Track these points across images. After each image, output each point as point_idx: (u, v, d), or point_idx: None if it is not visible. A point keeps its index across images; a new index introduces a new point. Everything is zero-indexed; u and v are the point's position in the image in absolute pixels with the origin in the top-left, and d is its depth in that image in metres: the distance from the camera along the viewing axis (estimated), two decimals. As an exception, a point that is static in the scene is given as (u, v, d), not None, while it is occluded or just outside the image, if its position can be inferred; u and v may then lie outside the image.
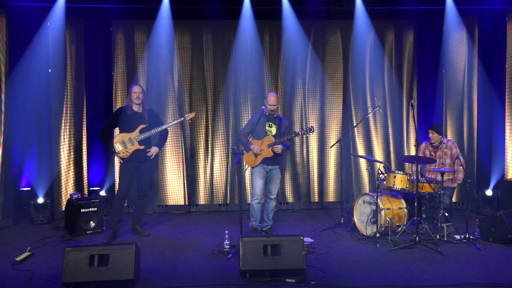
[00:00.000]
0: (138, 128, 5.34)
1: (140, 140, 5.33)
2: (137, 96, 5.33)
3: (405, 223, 5.48)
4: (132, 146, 5.32)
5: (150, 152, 5.45)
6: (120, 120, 5.37)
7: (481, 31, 7.03)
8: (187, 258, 4.78)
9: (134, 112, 5.38)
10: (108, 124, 5.47)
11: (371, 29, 7.09)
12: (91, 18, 6.77)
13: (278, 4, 6.81)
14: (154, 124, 5.43)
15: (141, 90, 5.39)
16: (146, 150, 5.41)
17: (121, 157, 5.35)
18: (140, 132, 5.34)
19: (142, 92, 5.39)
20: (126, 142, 5.32)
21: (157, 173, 6.96)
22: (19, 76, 6.36)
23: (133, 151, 5.33)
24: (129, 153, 5.33)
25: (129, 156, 5.34)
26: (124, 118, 5.36)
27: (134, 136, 5.33)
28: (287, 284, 4.05)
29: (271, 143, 5.33)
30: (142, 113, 5.41)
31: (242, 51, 6.99)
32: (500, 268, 4.48)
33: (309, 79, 7.17)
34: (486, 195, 6.76)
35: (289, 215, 6.91)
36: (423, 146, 6.05)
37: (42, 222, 6.23)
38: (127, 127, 5.35)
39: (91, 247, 4.08)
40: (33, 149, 6.51)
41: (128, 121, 5.35)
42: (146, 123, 5.38)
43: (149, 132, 5.35)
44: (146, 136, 5.35)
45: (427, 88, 7.32)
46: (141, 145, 5.35)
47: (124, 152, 5.32)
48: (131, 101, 5.36)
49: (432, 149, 5.95)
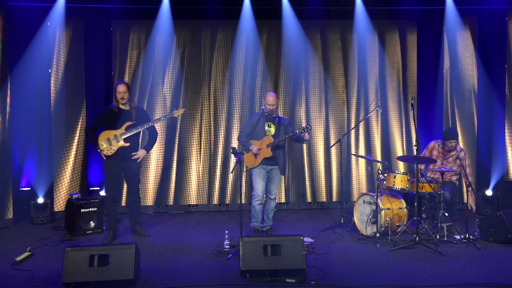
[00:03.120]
0: (124, 125, 5.24)
1: (125, 137, 5.22)
2: (121, 97, 5.24)
3: (405, 223, 5.48)
4: (117, 143, 5.21)
5: (137, 155, 5.34)
6: (106, 119, 5.30)
7: (481, 31, 7.02)
8: (187, 258, 4.78)
9: (120, 109, 5.29)
10: (94, 122, 5.42)
11: (371, 29, 7.09)
12: (91, 18, 6.78)
13: (278, 4, 6.82)
14: (141, 121, 5.31)
15: (125, 89, 5.26)
16: (132, 154, 5.30)
17: (105, 154, 5.23)
18: (126, 129, 5.23)
19: (127, 91, 5.28)
20: (111, 139, 5.21)
21: (157, 174, 6.97)
22: (19, 76, 6.36)
23: (117, 148, 5.22)
24: (113, 150, 5.21)
25: (113, 154, 5.21)
26: (110, 116, 5.27)
27: (120, 133, 5.22)
28: (287, 284, 4.05)
29: (270, 143, 5.33)
30: (129, 111, 5.32)
31: (242, 51, 7.00)
32: (500, 268, 4.47)
33: (309, 79, 7.17)
34: (486, 195, 6.76)
35: (289, 215, 6.91)
36: (432, 144, 5.99)
37: (42, 222, 6.22)
38: (113, 124, 5.25)
39: (91, 247, 4.08)
40: (33, 149, 6.51)
41: (115, 119, 5.25)
42: (133, 120, 5.27)
43: (136, 129, 5.24)
44: (132, 133, 5.23)
45: (427, 88, 7.33)
46: (126, 142, 5.23)
47: (109, 149, 5.20)
48: (116, 100, 5.26)
49: (443, 151, 5.89)
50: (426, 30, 7.28)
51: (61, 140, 6.60)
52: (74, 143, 6.73)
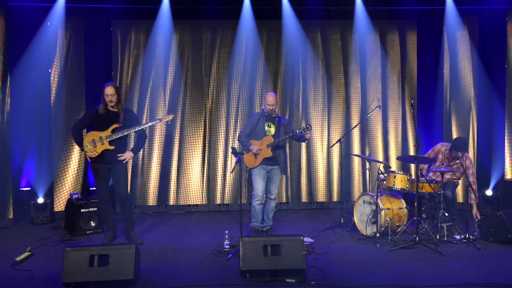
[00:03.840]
0: (110, 127, 5.04)
1: (111, 140, 5.01)
2: (109, 99, 5.00)
3: (405, 223, 5.48)
4: (102, 146, 5.01)
5: (123, 156, 5.11)
6: (93, 119, 5.11)
7: (481, 31, 7.02)
8: (187, 258, 4.78)
9: (107, 110, 5.07)
10: (80, 122, 5.27)
11: (371, 29, 7.09)
12: (91, 18, 6.77)
13: (278, 4, 6.82)
14: (129, 124, 5.09)
15: (113, 91, 5.00)
16: (118, 155, 5.09)
17: (89, 156, 5.07)
18: (112, 131, 5.03)
19: (115, 94, 5.02)
20: (96, 141, 5.02)
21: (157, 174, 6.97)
22: (19, 76, 6.37)
23: (102, 150, 5.02)
24: (97, 153, 5.02)
25: (97, 156, 5.04)
26: (97, 117, 5.07)
27: (105, 135, 5.01)
28: (287, 284, 4.04)
29: (270, 143, 5.33)
30: (117, 112, 5.09)
31: (242, 51, 7.00)
32: (500, 268, 4.47)
33: (310, 79, 7.17)
34: (486, 195, 6.75)
35: (289, 215, 6.91)
36: (439, 147, 5.90)
37: (42, 222, 6.22)
38: (100, 126, 5.06)
39: (91, 247, 4.08)
40: (33, 149, 6.51)
41: (102, 120, 5.05)
42: (120, 123, 5.05)
43: (122, 132, 5.01)
44: (118, 136, 5.01)
45: (427, 88, 7.33)
46: (111, 145, 5.02)
47: (92, 151, 5.02)
48: (104, 103, 5.04)
49: (449, 156, 5.78)
50: (426, 30, 7.28)
51: (61, 140, 6.60)
52: (74, 143, 6.69)
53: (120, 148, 5.15)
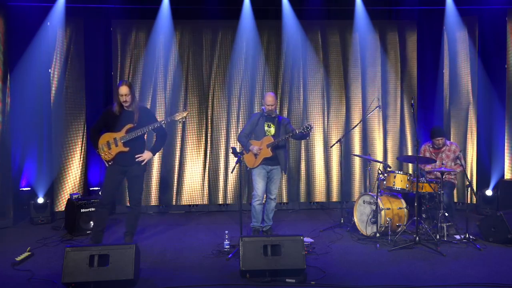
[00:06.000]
0: (125, 128, 4.81)
1: (125, 141, 4.78)
2: (124, 100, 4.77)
3: (405, 223, 5.48)
4: (116, 148, 4.80)
5: (141, 157, 4.89)
6: (106, 120, 4.90)
7: (481, 31, 7.02)
8: (187, 258, 4.78)
9: (122, 110, 4.85)
10: (97, 124, 5.01)
11: (371, 29, 7.09)
12: (91, 18, 6.78)
13: (278, 4, 6.82)
14: (145, 123, 4.82)
15: (127, 91, 4.75)
16: (136, 155, 4.86)
17: (104, 159, 4.86)
18: (126, 132, 4.80)
19: (129, 93, 4.77)
20: (111, 143, 4.81)
21: (157, 174, 6.98)
22: (19, 76, 6.37)
23: (116, 153, 4.81)
24: (112, 155, 4.81)
25: (112, 159, 4.83)
26: (111, 118, 4.85)
27: (120, 136, 4.79)
28: (287, 284, 4.04)
29: (270, 143, 5.33)
30: (132, 112, 4.85)
31: (242, 51, 7.00)
32: (500, 268, 4.47)
33: (309, 79, 7.17)
34: (486, 195, 6.76)
35: (289, 215, 6.91)
36: (423, 148, 6.01)
37: (42, 222, 6.22)
38: (114, 126, 4.83)
39: (91, 247, 4.08)
40: (33, 149, 6.51)
41: (116, 121, 4.83)
42: (134, 123, 4.80)
43: (136, 132, 4.77)
44: (132, 136, 4.78)
45: (427, 88, 7.33)
46: (125, 147, 4.79)
47: (107, 153, 4.81)
48: (118, 103, 4.83)
49: (433, 150, 5.92)
50: (426, 30, 7.27)
51: (61, 140, 6.60)
52: (74, 143, 6.73)
53: (136, 149, 4.89)
